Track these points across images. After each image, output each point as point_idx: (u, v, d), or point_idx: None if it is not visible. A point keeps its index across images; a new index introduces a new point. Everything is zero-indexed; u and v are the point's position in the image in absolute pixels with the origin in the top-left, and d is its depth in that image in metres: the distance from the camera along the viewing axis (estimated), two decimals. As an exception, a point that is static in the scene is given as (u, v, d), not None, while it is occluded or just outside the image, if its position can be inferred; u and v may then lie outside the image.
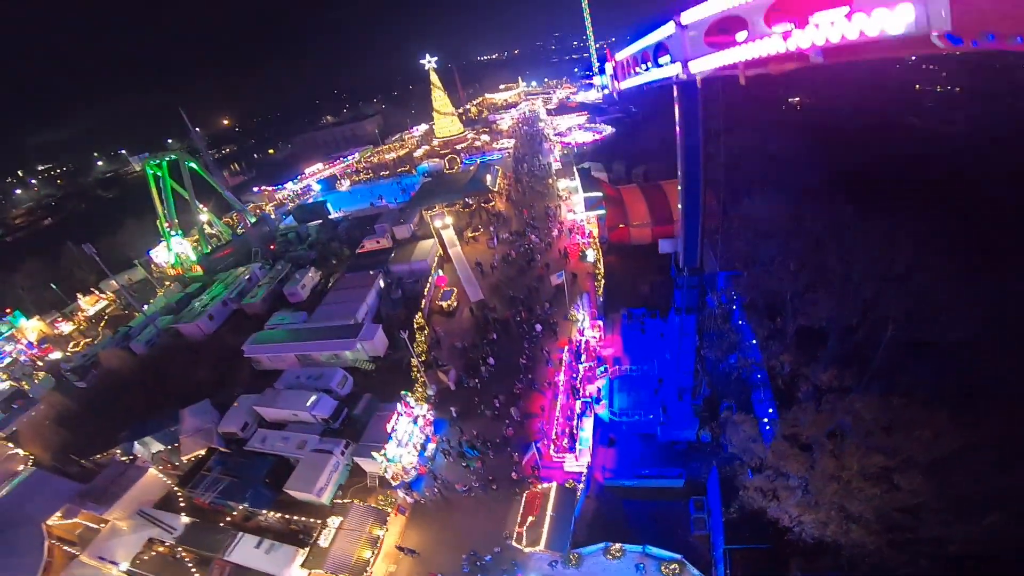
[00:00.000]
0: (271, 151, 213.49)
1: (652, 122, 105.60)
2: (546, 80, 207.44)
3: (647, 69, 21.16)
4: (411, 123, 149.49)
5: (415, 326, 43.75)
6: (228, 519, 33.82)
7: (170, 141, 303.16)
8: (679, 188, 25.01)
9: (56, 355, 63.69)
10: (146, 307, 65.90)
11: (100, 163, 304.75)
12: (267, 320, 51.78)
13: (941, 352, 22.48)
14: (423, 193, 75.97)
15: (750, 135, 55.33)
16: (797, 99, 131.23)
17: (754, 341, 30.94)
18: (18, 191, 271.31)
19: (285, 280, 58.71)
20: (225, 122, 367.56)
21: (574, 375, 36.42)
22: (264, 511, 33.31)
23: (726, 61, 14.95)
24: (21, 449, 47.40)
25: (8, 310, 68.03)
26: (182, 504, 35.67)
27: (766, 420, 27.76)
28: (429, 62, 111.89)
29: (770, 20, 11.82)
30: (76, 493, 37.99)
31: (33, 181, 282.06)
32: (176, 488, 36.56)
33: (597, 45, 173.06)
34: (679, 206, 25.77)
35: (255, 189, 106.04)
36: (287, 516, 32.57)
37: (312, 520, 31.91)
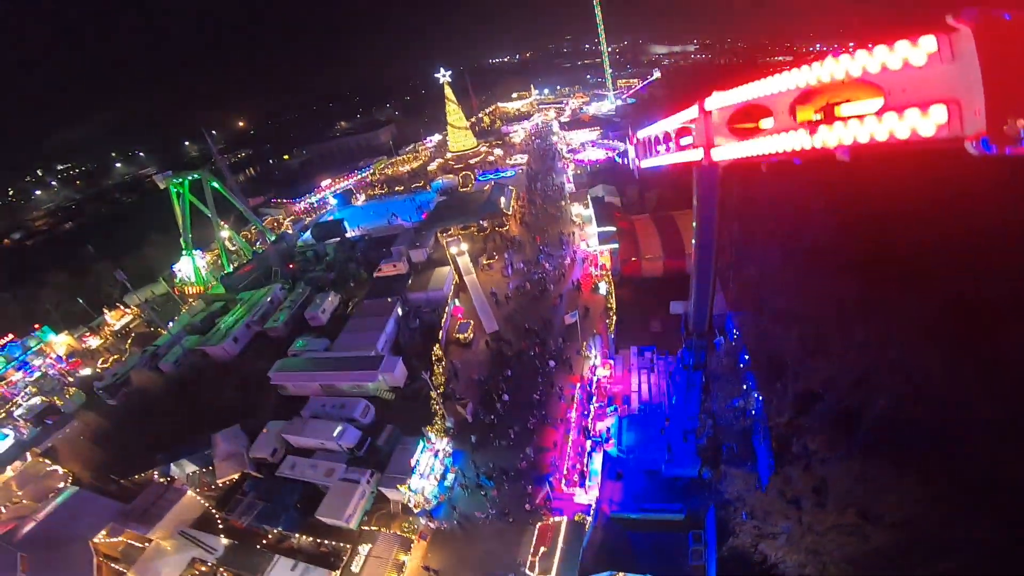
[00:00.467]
0: (286, 156, 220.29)
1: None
2: (559, 88, 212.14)
3: (667, 150, 23.34)
4: (424, 133, 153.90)
5: (433, 358, 47.49)
6: (264, 541, 37.83)
7: (187, 144, 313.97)
8: (693, 258, 27.70)
9: (86, 371, 68.23)
10: (171, 324, 70.26)
11: (119, 165, 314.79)
12: (289, 343, 55.91)
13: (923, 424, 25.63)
14: (438, 214, 79.82)
15: (766, 176, 58.31)
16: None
17: (758, 396, 34.26)
18: (38, 192, 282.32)
19: (306, 304, 62.79)
20: (240, 124, 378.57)
21: (585, 414, 40.03)
22: (296, 534, 37.23)
23: (749, 153, 14.74)
24: (60, 466, 51.61)
25: (37, 326, 72.64)
26: (220, 526, 39.62)
27: (762, 473, 31.16)
28: (444, 76, 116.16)
29: (796, 112, 11.57)
30: (119, 512, 42.06)
31: (53, 183, 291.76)
32: (215, 511, 40.45)
33: (610, 49, 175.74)
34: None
35: (272, 200, 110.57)
36: (318, 540, 36.47)
37: (341, 544, 35.81)
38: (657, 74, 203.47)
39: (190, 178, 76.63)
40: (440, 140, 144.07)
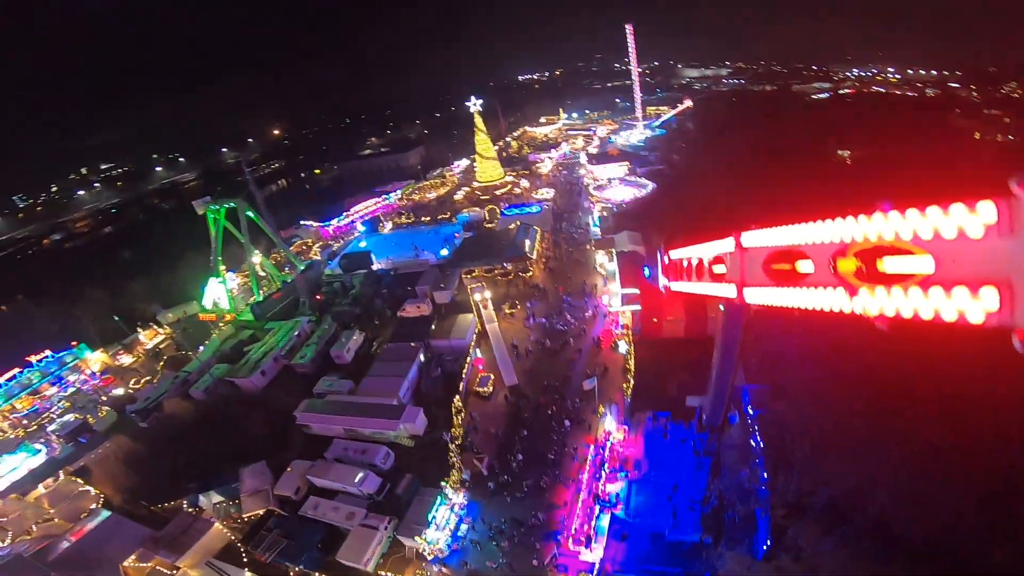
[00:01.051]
0: (317, 171, 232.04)
1: (694, 178, 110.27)
2: (587, 113, 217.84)
3: (700, 276, 23.89)
4: (452, 157, 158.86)
5: (453, 409, 50.94)
6: (286, 579, 41.30)
7: (224, 151, 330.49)
8: (713, 361, 30.44)
9: (118, 391, 73.01)
10: (201, 349, 75.13)
11: (159, 169, 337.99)
12: (314, 380, 60.27)
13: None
14: (462, 252, 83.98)
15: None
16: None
17: (764, 476, 36.99)
18: (80, 192, 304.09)
19: (332, 341, 67.13)
20: (276, 132, 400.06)
21: (596, 477, 42.98)
22: (316, 573, 40.62)
23: (783, 303, 14.75)
24: (92, 487, 55.67)
25: (74, 343, 77.95)
26: (244, 559, 43.18)
27: (758, 548, 33.87)
28: (475, 105, 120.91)
29: (836, 262, 11.24)
30: (148, 538, 45.85)
31: (96, 183, 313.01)
32: (240, 544, 44.09)
33: (640, 69, 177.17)
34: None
35: (304, 223, 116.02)
36: (336, 582, 39.88)
37: (357, 587, 39.18)
38: (688, 103, 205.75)
39: (227, 206, 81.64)
40: (467, 165, 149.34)
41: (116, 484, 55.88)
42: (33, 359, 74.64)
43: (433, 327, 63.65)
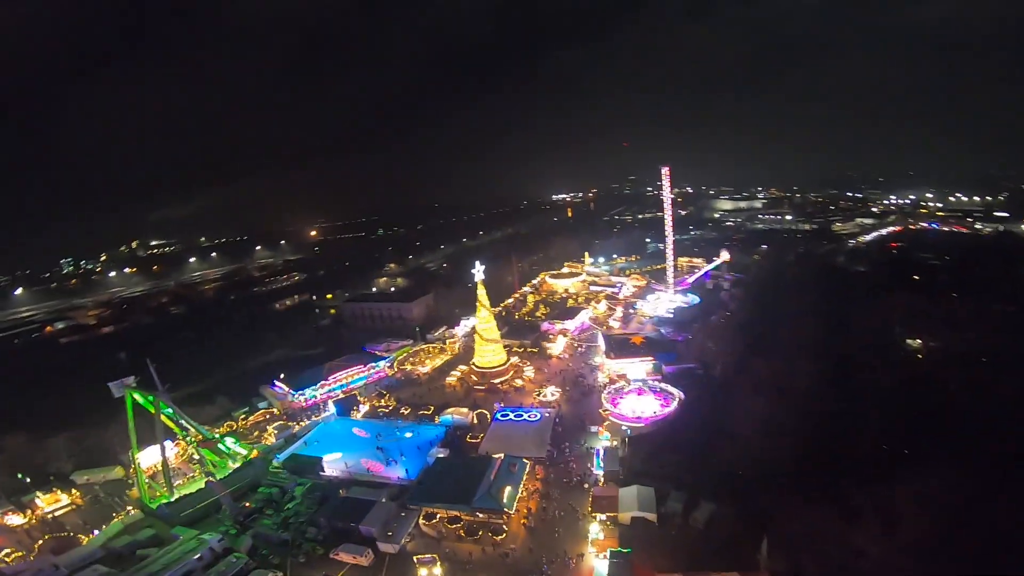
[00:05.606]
0: (329, 296, 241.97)
1: (731, 393, 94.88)
2: (614, 258, 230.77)
3: None
4: (459, 315, 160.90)
5: None
6: None
7: (258, 248, 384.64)
8: None
9: (-12, 558, 69.08)
10: (96, 533, 72.68)
11: (192, 260, 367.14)
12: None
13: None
14: (429, 482, 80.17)
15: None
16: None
17: None
18: (112, 273, 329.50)
19: (238, 576, 62.94)
20: (312, 233, 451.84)
21: None
22: None
23: None
24: None
25: None
26: None
27: None
28: (478, 272, 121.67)
29: None
30: None
31: (126, 269, 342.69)
32: None
33: (672, 196, 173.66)
34: None
35: (275, 387, 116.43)
36: None
37: None
38: (725, 255, 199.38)
39: (147, 397, 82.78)
40: (473, 326, 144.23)
41: None
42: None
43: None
